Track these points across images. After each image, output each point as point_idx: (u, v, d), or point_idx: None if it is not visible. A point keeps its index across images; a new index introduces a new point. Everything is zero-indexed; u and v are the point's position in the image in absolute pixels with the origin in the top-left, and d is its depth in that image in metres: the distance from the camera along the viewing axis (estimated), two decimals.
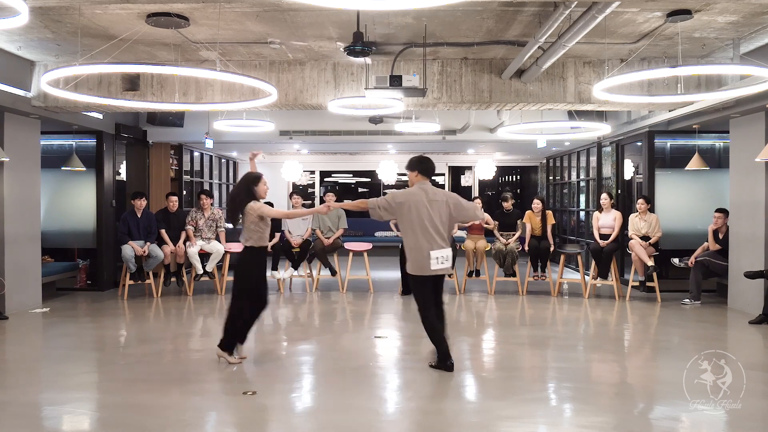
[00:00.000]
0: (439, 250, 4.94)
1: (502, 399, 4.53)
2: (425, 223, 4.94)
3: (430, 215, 4.96)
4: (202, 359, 5.83)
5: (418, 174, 5.15)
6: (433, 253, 4.92)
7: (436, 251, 4.93)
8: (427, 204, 4.98)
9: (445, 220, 5.04)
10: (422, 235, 4.95)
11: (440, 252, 4.95)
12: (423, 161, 5.19)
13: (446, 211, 5.04)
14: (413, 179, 5.18)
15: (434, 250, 4.93)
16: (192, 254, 8.89)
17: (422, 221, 4.95)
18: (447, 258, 5.00)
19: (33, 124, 8.03)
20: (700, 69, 6.84)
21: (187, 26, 5.97)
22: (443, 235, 5.01)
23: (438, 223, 4.98)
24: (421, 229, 4.95)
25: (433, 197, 5.03)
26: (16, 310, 7.60)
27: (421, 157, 5.23)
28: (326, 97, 7.51)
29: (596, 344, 6.60)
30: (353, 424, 4.02)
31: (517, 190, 19.08)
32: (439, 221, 4.98)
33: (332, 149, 14.47)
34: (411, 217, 4.96)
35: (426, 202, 4.98)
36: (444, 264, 4.99)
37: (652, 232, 8.68)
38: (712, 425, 4.05)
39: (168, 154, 11.41)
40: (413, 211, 4.96)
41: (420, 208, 4.96)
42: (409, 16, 5.93)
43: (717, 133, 9.47)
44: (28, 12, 4.11)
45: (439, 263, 4.95)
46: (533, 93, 7.49)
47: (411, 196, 5.01)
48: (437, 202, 5.01)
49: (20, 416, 4.10)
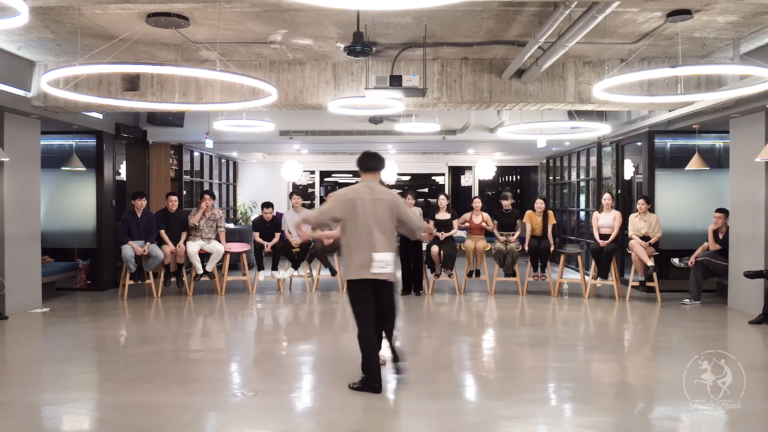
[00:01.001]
0: (381, 253, 4.50)
1: (502, 399, 4.53)
2: (369, 221, 4.51)
3: (372, 214, 4.52)
4: (202, 359, 5.84)
5: (362, 171, 4.76)
6: (375, 255, 4.48)
7: (378, 254, 4.49)
8: (371, 202, 4.54)
9: (389, 223, 4.59)
10: (364, 235, 4.51)
11: (381, 255, 4.50)
12: (365, 157, 4.76)
13: (389, 213, 4.59)
14: (361, 176, 4.81)
15: (376, 252, 4.48)
16: (192, 254, 8.89)
17: (366, 220, 4.52)
18: (388, 263, 4.53)
19: (33, 124, 8.03)
20: (700, 69, 6.84)
21: (187, 26, 5.97)
22: (387, 237, 4.56)
23: (379, 224, 4.54)
24: (364, 229, 4.52)
25: (378, 196, 4.59)
26: (16, 310, 7.60)
27: (366, 152, 4.81)
28: (326, 97, 7.51)
29: (596, 344, 6.60)
30: (353, 424, 4.01)
31: (517, 190, 19.08)
32: (381, 222, 4.55)
33: (332, 149, 14.47)
34: (350, 215, 4.54)
35: (369, 201, 4.54)
36: (384, 269, 4.51)
37: (652, 232, 8.68)
38: (712, 425, 4.05)
39: (168, 154, 11.41)
40: (358, 208, 4.53)
41: (363, 207, 4.52)
42: (409, 16, 5.93)
43: (717, 133, 9.46)
44: (28, 12, 4.11)
45: (379, 267, 4.49)
46: (533, 93, 7.49)
47: (356, 194, 4.59)
48: (381, 201, 4.57)
49: (20, 416, 4.10)
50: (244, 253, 9.60)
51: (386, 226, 4.58)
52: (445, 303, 8.72)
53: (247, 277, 9.56)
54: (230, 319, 7.76)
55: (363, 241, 4.52)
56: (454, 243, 9.25)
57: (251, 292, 9.29)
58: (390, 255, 4.55)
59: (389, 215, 4.59)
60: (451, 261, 9.07)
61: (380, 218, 4.55)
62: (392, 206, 4.61)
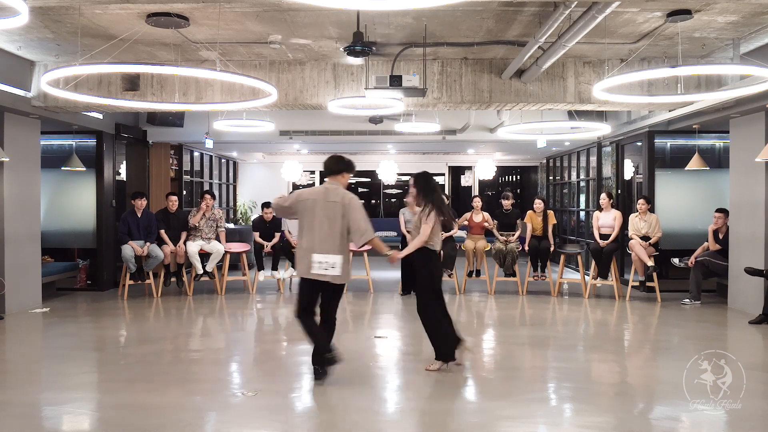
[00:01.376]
0: (322, 255, 4.58)
1: (502, 399, 4.53)
2: (315, 222, 4.63)
3: (322, 216, 4.63)
4: (202, 359, 5.84)
5: (325, 173, 4.88)
6: (315, 256, 4.59)
7: (319, 255, 4.58)
8: (323, 204, 4.65)
9: (339, 226, 4.63)
10: (308, 235, 4.65)
11: (324, 257, 4.58)
12: (328, 160, 4.88)
13: (341, 216, 4.64)
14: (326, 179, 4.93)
15: (317, 254, 4.59)
16: (192, 254, 8.89)
17: (312, 221, 4.64)
18: (332, 265, 4.58)
19: (33, 124, 8.03)
20: (700, 69, 6.84)
21: (187, 26, 5.97)
22: (334, 239, 4.62)
23: (327, 226, 4.62)
24: (309, 229, 4.65)
25: (332, 198, 4.67)
26: (16, 310, 7.60)
27: (330, 156, 4.93)
28: (326, 97, 7.51)
29: (596, 344, 6.60)
30: (353, 424, 4.01)
31: (517, 190, 19.07)
32: (330, 223, 4.62)
33: (332, 149, 14.44)
34: (305, 215, 4.68)
35: (322, 203, 4.65)
36: (327, 270, 4.58)
37: (652, 232, 8.68)
38: (712, 425, 4.05)
39: (168, 154, 11.41)
40: (308, 209, 4.66)
41: (315, 208, 4.65)
42: (409, 16, 5.93)
43: (717, 133, 9.47)
44: (28, 12, 4.11)
45: (321, 268, 4.58)
46: (533, 93, 7.49)
47: (313, 194, 4.73)
48: (333, 204, 4.65)
49: (20, 416, 4.10)
50: (244, 253, 9.60)
51: (335, 228, 4.64)
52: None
53: (247, 277, 9.57)
54: (230, 319, 7.76)
55: (308, 241, 4.66)
56: (454, 243, 9.24)
57: (251, 292, 9.29)
58: (334, 257, 4.60)
59: (341, 218, 4.65)
60: (451, 261, 9.07)
61: (330, 220, 4.64)
62: (343, 209, 4.66)
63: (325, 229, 4.63)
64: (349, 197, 4.75)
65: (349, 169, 4.90)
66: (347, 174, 4.89)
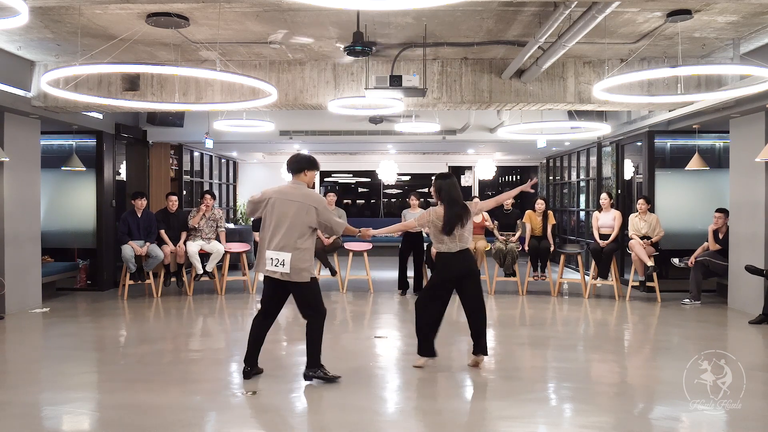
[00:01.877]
0: (275, 252, 4.63)
1: (502, 399, 4.53)
2: (271, 220, 4.70)
3: (279, 214, 4.68)
4: (202, 359, 5.84)
5: (288, 171, 4.94)
6: (267, 252, 4.67)
7: (272, 252, 4.65)
8: (281, 203, 4.70)
9: (298, 225, 4.66)
10: (264, 232, 4.74)
11: (275, 254, 4.63)
12: (289, 159, 4.92)
13: (300, 215, 4.66)
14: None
15: (269, 250, 4.66)
16: (192, 254, 8.89)
17: (270, 218, 4.71)
18: (282, 262, 4.61)
19: (33, 124, 8.03)
20: (700, 69, 6.84)
21: (187, 26, 5.97)
22: (288, 237, 4.63)
23: (283, 224, 4.65)
24: (266, 227, 4.74)
25: (291, 198, 4.71)
26: (16, 310, 7.61)
27: (293, 155, 4.99)
28: (326, 97, 7.51)
29: (596, 344, 6.60)
30: (353, 424, 4.01)
31: None
32: (291, 222, 4.65)
33: (332, 149, 14.46)
34: (265, 212, 4.76)
35: (281, 201, 4.71)
36: (278, 267, 4.63)
37: (652, 232, 8.68)
38: (712, 425, 4.05)
39: (168, 154, 11.41)
40: (269, 207, 4.74)
41: (275, 206, 4.71)
42: (409, 16, 5.93)
43: (717, 133, 9.47)
44: (28, 12, 4.12)
45: (272, 264, 4.65)
46: (533, 93, 7.49)
47: (275, 193, 4.78)
48: (293, 203, 4.68)
49: (20, 416, 4.10)
50: (244, 253, 9.60)
51: (293, 227, 4.65)
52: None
53: (247, 277, 9.57)
54: (230, 319, 7.76)
55: (264, 239, 4.73)
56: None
57: (251, 292, 9.29)
58: (285, 255, 4.61)
59: (300, 217, 4.66)
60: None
61: (288, 218, 4.66)
62: (306, 209, 4.67)
63: (282, 227, 4.66)
64: (314, 199, 4.75)
65: (311, 167, 4.87)
66: (309, 172, 4.86)
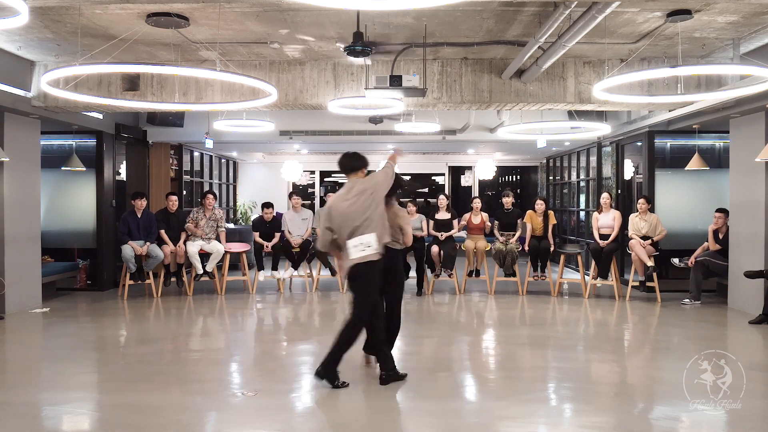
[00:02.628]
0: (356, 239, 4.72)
1: (502, 399, 4.53)
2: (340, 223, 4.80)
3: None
4: (202, 359, 5.84)
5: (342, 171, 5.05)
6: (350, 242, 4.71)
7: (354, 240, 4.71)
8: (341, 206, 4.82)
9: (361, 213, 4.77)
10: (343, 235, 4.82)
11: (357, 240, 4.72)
12: (343, 158, 5.05)
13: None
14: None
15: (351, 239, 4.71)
16: (192, 254, 8.89)
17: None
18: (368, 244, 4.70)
19: (33, 124, 8.03)
20: (700, 69, 6.84)
21: (187, 26, 5.97)
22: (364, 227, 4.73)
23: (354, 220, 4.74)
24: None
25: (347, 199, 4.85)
26: (16, 310, 7.61)
27: (345, 154, 5.09)
28: (326, 97, 7.51)
29: (596, 344, 6.60)
30: (353, 424, 4.01)
31: (517, 190, 19.07)
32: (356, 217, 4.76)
33: (332, 149, 14.46)
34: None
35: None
36: (366, 251, 4.69)
37: (653, 232, 8.67)
38: (712, 425, 4.05)
39: (168, 154, 11.41)
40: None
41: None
42: (409, 16, 5.93)
43: (717, 133, 9.46)
44: (28, 12, 4.11)
45: (359, 251, 4.69)
46: (533, 93, 7.49)
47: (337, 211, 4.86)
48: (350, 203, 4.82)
49: (20, 416, 4.10)
50: (244, 253, 9.60)
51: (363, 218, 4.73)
52: (445, 303, 8.72)
53: (247, 277, 9.57)
54: (230, 319, 7.76)
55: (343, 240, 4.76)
56: (454, 243, 9.25)
57: (251, 292, 9.29)
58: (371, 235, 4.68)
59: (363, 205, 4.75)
60: (451, 261, 9.07)
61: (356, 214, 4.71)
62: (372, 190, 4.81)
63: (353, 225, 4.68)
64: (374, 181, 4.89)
65: (365, 165, 5.00)
66: (365, 169, 4.99)
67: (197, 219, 9.10)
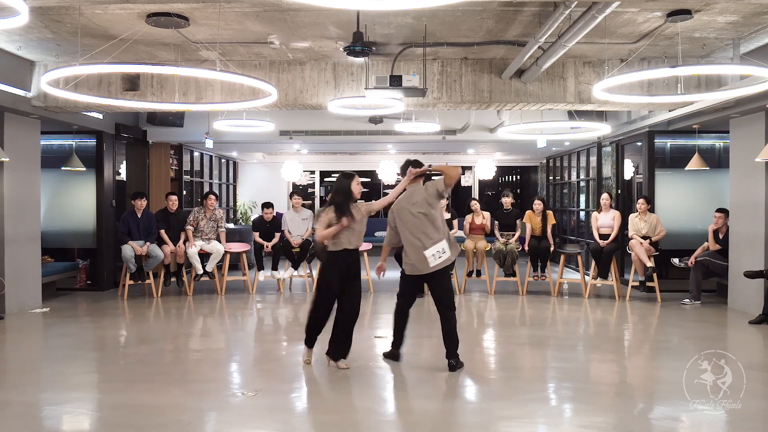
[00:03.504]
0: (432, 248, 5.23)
1: (502, 399, 4.53)
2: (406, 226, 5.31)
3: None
4: (202, 359, 5.84)
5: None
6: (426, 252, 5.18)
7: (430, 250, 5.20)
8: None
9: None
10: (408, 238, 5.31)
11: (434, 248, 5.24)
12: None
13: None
14: None
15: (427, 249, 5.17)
16: (192, 254, 8.89)
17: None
18: (443, 250, 5.26)
19: (33, 124, 8.03)
20: (700, 69, 6.84)
21: (187, 26, 5.97)
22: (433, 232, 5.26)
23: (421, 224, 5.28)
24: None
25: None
26: (16, 310, 7.61)
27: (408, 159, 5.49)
28: (326, 97, 7.51)
29: (596, 344, 6.60)
30: (353, 424, 4.02)
31: (517, 190, 19.07)
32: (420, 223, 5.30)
33: (332, 149, 14.47)
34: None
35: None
36: (441, 258, 5.22)
37: (652, 232, 8.67)
38: (712, 425, 4.05)
39: (168, 154, 11.41)
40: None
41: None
42: (409, 16, 5.93)
43: (717, 133, 9.47)
44: (28, 12, 4.11)
45: (436, 259, 5.19)
46: (533, 93, 7.49)
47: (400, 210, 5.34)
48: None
49: (20, 416, 4.10)
50: (244, 253, 9.60)
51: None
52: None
53: (247, 277, 9.57)
54: (230, 319, 7.76)
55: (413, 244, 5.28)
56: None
57: (251, 292, 9.29)
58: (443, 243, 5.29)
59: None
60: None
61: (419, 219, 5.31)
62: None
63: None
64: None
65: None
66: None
67: (197, 219, 9.10)
